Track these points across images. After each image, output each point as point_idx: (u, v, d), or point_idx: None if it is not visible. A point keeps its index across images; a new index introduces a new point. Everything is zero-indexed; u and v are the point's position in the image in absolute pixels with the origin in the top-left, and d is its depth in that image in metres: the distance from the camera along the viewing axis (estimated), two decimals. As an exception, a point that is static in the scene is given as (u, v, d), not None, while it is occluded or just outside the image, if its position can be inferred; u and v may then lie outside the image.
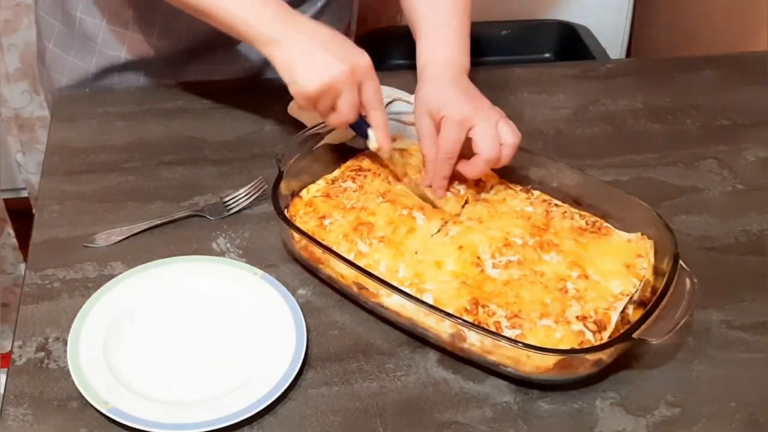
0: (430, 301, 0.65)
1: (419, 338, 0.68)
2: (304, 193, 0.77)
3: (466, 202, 0.77)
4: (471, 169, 0.75)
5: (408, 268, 0.69)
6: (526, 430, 0.62)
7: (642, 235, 0.72)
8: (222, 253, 0.75)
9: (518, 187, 0.79)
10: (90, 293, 0.69)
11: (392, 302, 0.66)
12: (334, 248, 0.70)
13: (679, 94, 1.01)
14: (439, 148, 0.75)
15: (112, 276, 0.71)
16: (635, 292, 0.67)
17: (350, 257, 0.69)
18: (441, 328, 0.64)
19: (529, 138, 0.91)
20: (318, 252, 0.70)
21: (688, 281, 0.65)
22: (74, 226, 0.78)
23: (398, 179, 0.78)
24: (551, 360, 0.61)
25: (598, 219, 0.75)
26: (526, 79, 1.04)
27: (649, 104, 0.99)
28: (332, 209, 0.74)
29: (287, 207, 0.75)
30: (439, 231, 0.72)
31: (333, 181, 0.78)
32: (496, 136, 0.74)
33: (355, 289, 0.69)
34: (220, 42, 0.97)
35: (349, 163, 0.80)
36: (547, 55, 1.52)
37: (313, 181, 0.78)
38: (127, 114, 0.93)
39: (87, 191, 0.82)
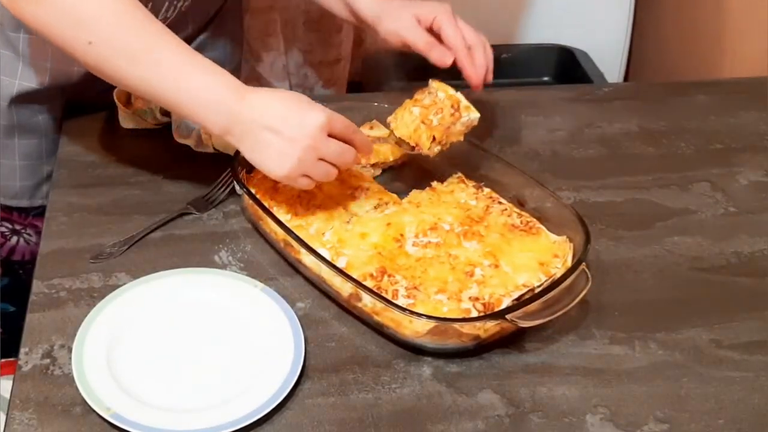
0: (343, 265, 0.72)
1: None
2: None
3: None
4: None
5: (334, 234, 0.76)
6: (517, 443, 0.63)
7: (567, 238, 0.76)
8: (224, 266, 0.77)
9: (471, 183, 0.84)
10: (95, 303, 0.71)
11: (309, 260, 0.72)
12: (274, 208, 0.77)
13: (674, 117, 1.03)
14: (468, 43, 0.85)
15: (117, 286, 0.73)
16: (538, 285, 0.71)
17: (287, 218, 0.77)
18: (343, 288, 0.70)
19: (526, 158, 0.94)
20: (259, 210, 0.76)
21: (585, 281, 0.69)
22: (81, 237, 0.80)
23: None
24: (426, 326, 0.66)
25: (533, 220, 0.79)
26: (525, 101, 1.06)
27: (644, 127, 1.01)
28: None
29: (251, 170, 0.81)
30: (376, 208, 0.79)
31: None
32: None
33: (282, 245, 0.76)
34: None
35: None
36: (545, 78, 1.55)
37: None
38: (134, 129, 0.95)
39: (94, 204, 0.84)
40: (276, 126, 0.70)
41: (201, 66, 0.72)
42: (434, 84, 0.84)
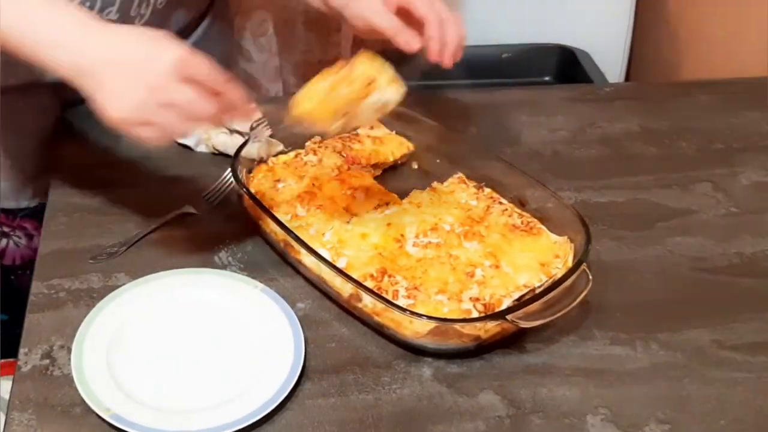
0: (343, 265, 0.72)
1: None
2: (271, 159, 0.85)
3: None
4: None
5: (334, 234, 0.76)
6: (518, 444, 0.63)
7: (568, 238, 0.76)
8: (224, 267, 0.77)
9: (472, 183, 0.84)
10: (94, 303, 0.71)
11: (309, 261, 0.72)
12: (274, 208, 0.77)
13: (676, 117, 1.03)
14: (440, 16, 0.78)
15: (117, 287, 0.73)
16: (538, 286, 0.71)
17: (287, 218, 0.77)
18: (343, 288, 0.70)
19: (527, 158, 0.94)
20: (259, 210, 0.76)
21: (586, 282, 0.69)
22: (80, 237, 0.79)
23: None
24: (427, 327, 0.66)
25: (534, 220, 0.79)
26: (526, 101, 1.06)
27: (646, 127, 1.01)
28: (288, 176, 0.83)
29: (251, 170, 0.83)
30: (376, 208, 0.79)
31: (297, 155, 0.86)
32: None
33: (282, 245, 0.76)
34: None
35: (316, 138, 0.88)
36: (546, 78, 1.54)
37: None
38: (134, 129, 0.95)
39: (93, 204, 0.84)
40: (120, 62, 0.61)
41: (49, 4, 0.63)
42: (361, 57, 0.76)
